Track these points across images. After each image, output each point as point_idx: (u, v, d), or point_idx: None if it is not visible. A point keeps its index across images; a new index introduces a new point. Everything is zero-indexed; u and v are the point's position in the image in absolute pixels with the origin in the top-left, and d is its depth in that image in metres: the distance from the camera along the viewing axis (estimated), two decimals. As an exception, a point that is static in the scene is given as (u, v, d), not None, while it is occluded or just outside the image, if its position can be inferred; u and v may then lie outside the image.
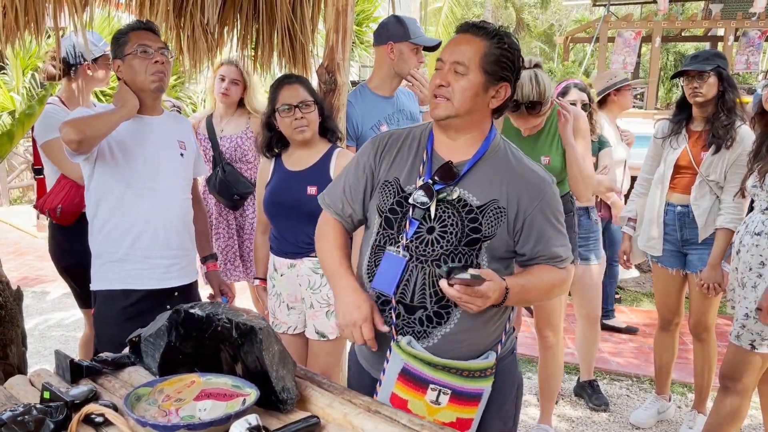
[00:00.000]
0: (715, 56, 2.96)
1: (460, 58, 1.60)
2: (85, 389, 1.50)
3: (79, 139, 2.11)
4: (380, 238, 1.71)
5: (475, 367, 1.66)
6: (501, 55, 1.60)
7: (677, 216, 3.00)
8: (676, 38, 20.19)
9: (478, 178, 1.64)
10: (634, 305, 5.10)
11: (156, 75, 2.27)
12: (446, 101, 1.61)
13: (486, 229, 1.62)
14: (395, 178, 1.70)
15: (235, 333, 1.49)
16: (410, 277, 1.65)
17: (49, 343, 4.25)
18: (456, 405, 1.66)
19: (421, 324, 1.66)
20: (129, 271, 2.31)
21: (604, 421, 3.30)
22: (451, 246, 1.62)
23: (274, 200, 2.51)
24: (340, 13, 2.71)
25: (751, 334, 2.46)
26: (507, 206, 1.62)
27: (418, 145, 1.72)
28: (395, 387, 1.67)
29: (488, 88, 1.62)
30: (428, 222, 1.64)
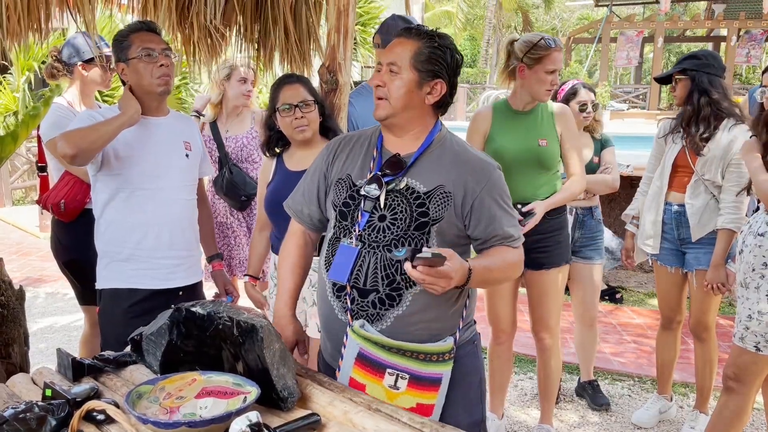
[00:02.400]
0: (688, 58, 2.98)
1: (393, 59, 1.71)
2: (86, 387, 1.51)
3: (73, 154, 2.11)
4: (336, 231, 1.80)
5: (431, 350, 1.70)
6: (431, 53, 1.69)
7: (674, 215, 3.01)
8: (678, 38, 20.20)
9: (424, 167, 1.73)
10: (636, 305, 5.10)
11: (162, 78, 2.28)
12: (384, 101, 1.72)
13: (433, 212, 1.69)
14: (347, 174, 1.81)
15: (236, 331, 1.50)
16: (363, 262, 1.72)
17: (52, 342, 4.26)
18: (415, 390, 1.69)
19: (374, 307, 1.71)
20: (134, 271, 2.32)
21: (605, 421, 3.30)
22: (401, 231, 1.70)
23: (275, 200, 2.51)
24: (342, 13, 2.72)
25: (755, 336, 2.46)
26: (453, 190, 1.70)
27: (369, 144, 1.83)
28: (353, 372, 1.72)
29: (422, 85, 1.70)
30: (379, 211, 1.72)
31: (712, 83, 2.87)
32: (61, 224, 2.93)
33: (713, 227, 2.89)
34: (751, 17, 15.70)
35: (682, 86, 2.95)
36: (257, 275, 2.75)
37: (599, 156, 3.37)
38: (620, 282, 5.54)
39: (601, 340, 4.29)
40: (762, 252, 2.46)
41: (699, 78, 2.88)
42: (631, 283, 5.53)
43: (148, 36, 2.28)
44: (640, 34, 16.43)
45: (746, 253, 2.52)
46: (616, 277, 5.63)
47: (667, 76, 3.05)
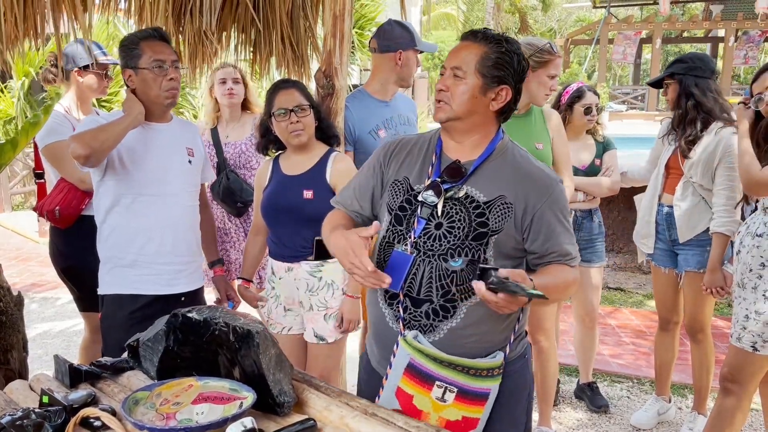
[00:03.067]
0: (677, 62, 2.99)
1: (458, 63, 1.66)
2: (83, 393, 1.51)
3: (87, 154, 2.14)
4: (389, 235, 1.75)
5: (482, 366, 1.67)
6: (498, 58, 1.64)
7: (665, 216, 3.03)
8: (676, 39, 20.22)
9: (485, 175, 1.69)
10: (634, 307, 5.10)
11: (170, 92, 2.30)
12: (445, 105, 1.67)
13: (493, 223, 1.65)
14: (405, 177, 1.76)
15: (232, 337, 1.50)
16: (417, 271, 1.68)
17: (51, 348, 4.26)
18: (462, 403, 1.66)
19: (428, 317, 1.68)
20: (137, 276, 2.33)
21: (604, 423, 3.31)
22: (458, 240, 1.65)
23: (271, 204, 2.52)
24: (338, 18, 2.73)
25: (752, 336, 2.46)
26: (514, 202, 1.65)
27: (428, 148, 1.78)
28: (401, 381, 1.69)
29: (486, 91, 1.66)
30: (436, 218, 1.68)
31: (700, 86, 2.89)
32: (59, 231, 2.94)
33: (702, 229, 2.90)
34: (748, 18, 15.72)
35: (672, 90, 2.97)
36: (251, 278, 2.76)
37: (601, 159, 3.38)
38: (619, 284, 5.55)
39: (600, 341, 4.28)
40: (760, 252, 2.46)
41: (686, 81, 2.90)
42: (630, 284, 5.54)
43: (160, 46, 2.28)
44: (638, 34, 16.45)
45: (744, 253, 2.52)
46: (615, 279, 5.63)
47: (659, 80, 3.08)
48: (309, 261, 2.49)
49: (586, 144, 3.39)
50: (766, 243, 2.45)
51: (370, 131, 2.86)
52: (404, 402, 1.69)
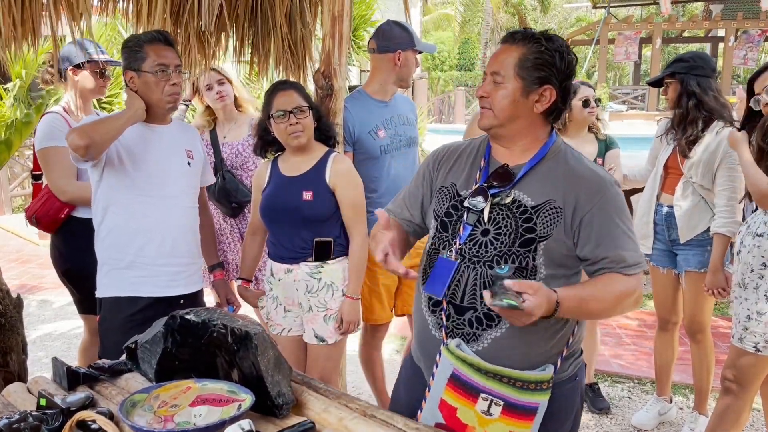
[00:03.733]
0: (677, 61, 2.98)
1: (497, 68, 1.62)
2: (81, 396, 1.51)
3: (86, 144, 2.12)
4: (435, 242, 1.72)
5: (530, 378, 1.59)
6: (537, 58, 1.59)
7: (665, 216, 3.02)
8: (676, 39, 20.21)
9: (534, 180, 1.63)
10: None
11: (172, 96, 2.30)
12: (488, 111, 1.64)
13: (541, 228, 1.58)
14: (452, 183, 1.73)
15: (230, 339, 1.50)
16: (461, 278, 1.63)
17: (51, 351, 4.25)
18: (509, 417, 1.58)
19: (471, 326, 1.63)
20: (135, 279, 2.32)
21: (606, 424, 3.30)
22: (505, 247, 1.60)
23: (270, 205, 2.52)
24: (336, 19, 2.72)
25: (754, 337, 2.45)
26: (563, 206, 1.58)
27: (476, 154, 1.74)
28: (444, 393, 1.62)
29: (528, 93, 1.60)
30: (482, 225, 1.63)
31: (701, 85, 2.88)
32: (59, 233, 2.93)
33: (702, 229, 2.90)
34: (748, 17, 15.71)
35: (672, 89, 2.96)
36: (250, 278, 2.75)
37: (603, 158, 3.38)
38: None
39: (601, 342, 4.28)
40: (761, 252, 2.46)
41: (687, 81, 2.89)
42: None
43: (164, 50, 2.28)
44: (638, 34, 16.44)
45: (744, 253, 2.51)
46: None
47: (659, 79, 3.07)
48: (308, 262, 2.48)
49: (587, 141, 3.39)
50: (766, 243, 2.44)
51: (370, 131, 2.85)
52: (448, 415, 1.61)
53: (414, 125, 3.06)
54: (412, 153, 3.01)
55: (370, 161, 2.85)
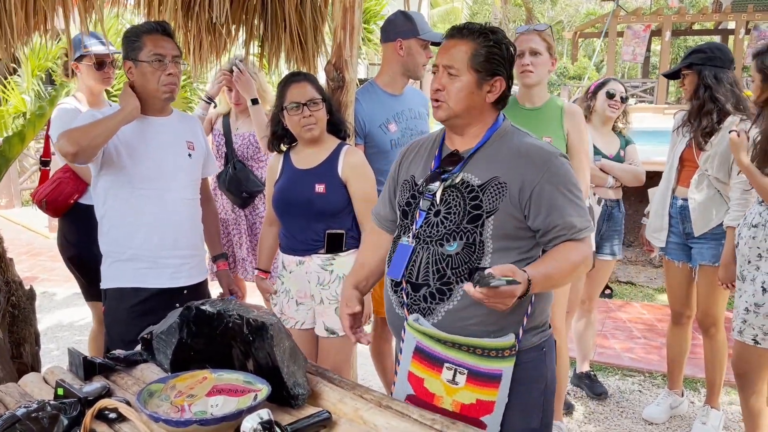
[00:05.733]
0: (695, 52, 2.95)
1: (449, 62, 1.70)
2: (98, 386, 1.52)
3: (74, 151, 2.12)
4: (398, 230, 1.83)
5: (489, 345, 1.65)
6: (488, 52, 1.68)
7: (679, 209, 3.00)
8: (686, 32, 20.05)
9: (480, 160, 1.72)
10: (646, 300, 5.08)
11: (168, 86, 2.29)
12: (442, 104, 1.72)
13: (487, 204, 1.67)
14: (411, 175, 1.84)
15: (245, 329, 1.50)
16: (416, 258, 1.74)
17: (61, 342, 4.28)
18: (474, 385, 1.65)
19: (425, 300, 1.72)
20: (138, 270, 2.33)
21: (616, 417, 3.29)
22: (454, 225, 1.69)
23: (282, 198, 2.51)
24: (348, 10, 2.71)
25: (753, 329, 2.45)
26: (508, 181, 1.67)
27: (433, 145, 1.85)
28: (411, 365, 1.71)
29: (482, 84, 1.70)
30: (435, 207, 1.73)
31: (718, 77, 2.84)
32: (65, 220, 3.02)
33: (717, 222, 2.87)
34: (759, 10, 15.54)
35: (690, 81, 2.93)
36: (267, 269, 2.75)
37: (625, 150, 3.43)
38: (630, 277, 5.52)
39: (611, 335, 4.28)
40: (756, 243, 2.45)
41: (704, 72, 2.86)
42: (640, 278, 5.50)
43: (162, 40, 2.27)
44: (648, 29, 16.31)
45: (741, 245, 2.51)
46: (626, 273, 5.60)
47: (676, 71, 3.03)
48: (320, 254, 2.48)
49: (609, 136, 3.44)
50: (761, 233, 2.44)
51: (381, 125, 2.84)
52: (416, 386, 1.71)
53: (425, 119, 3.05)
54: (424, 147, 3.00)
55: (380, 155, 2.84)
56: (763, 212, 2.46)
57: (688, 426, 3.17)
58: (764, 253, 2.43)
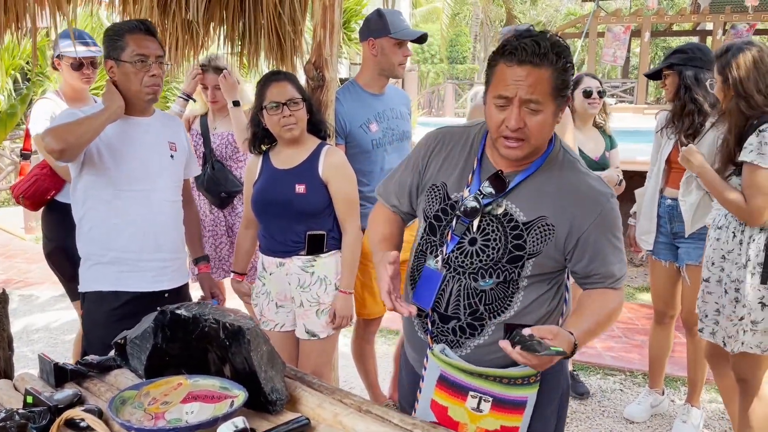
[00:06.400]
0: (676, 53, 2.95)
1: (532, 96, 1.45)
2: (69, 393, 1.48)
3: (60, 149, 2.08)
4: (423, 244, 1.69)
5: (516, 375, 1.58)
6: (563, 79, 1.49)
7: (667, 208, 3.01)
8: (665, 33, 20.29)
9: (528, 191, 1.56)
10: (627, 300, 5.11)
11: (151, 87, 2.24)
12: (523, 143, 1.50)
13: (531, 246, 1.55)
14: (443, 183, 1.66)
15: (222, 334, 1.47)
16: (446, 287, 1.62)
17: (37, 346, 4.19)
18: (499, 412, 1.59)
19: (455, 334, 1.63)
20: (119, 273, 2.28)
21: (597, 416, 3.30)
22: (492, 261, 1.57)
23: (262, 199, 2.48)
24: (327, 9, 2.68)
25: (723, 331, 2.48)
26: (556, 223, 1.54)
27: (470, 149, 1.66)
28: (434, 394, 1.64)
29: (559, 112, 1.53)
30: (470, 233, 1.58)
31: (698, 77, 2.85)
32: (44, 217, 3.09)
33: (705, 223, 2.88)
34: (736, 11, 15.77)
35: (671, 81, 2.94)
36: (243, 271, 2.72)
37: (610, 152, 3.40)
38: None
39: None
40: (720, 245, 2.47)
41: (685, 72, 2.87)
42: (621, 277, 5.53)
43: (145, 40, 2.22)
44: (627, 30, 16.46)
45: (707, 247, 2.53)
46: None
47: (657, 71, 3.04)
48: (301, 256, 2.45)
49: (593, 137, 3.40)
50: (724, 235, 2.46)
51: (362, 125, 2.82)
52: (439, 414, 1.63)
53: (407, 119, 3.03)
54: (405, 147, 2.98)
55: (362, 155, 2.82)
56: (727, 214, 2.48)
57: (668, 424, 3.18)
58: (727, 255, 2.46)
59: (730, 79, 2.36)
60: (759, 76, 2.32)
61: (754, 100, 2.32)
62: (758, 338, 2.37)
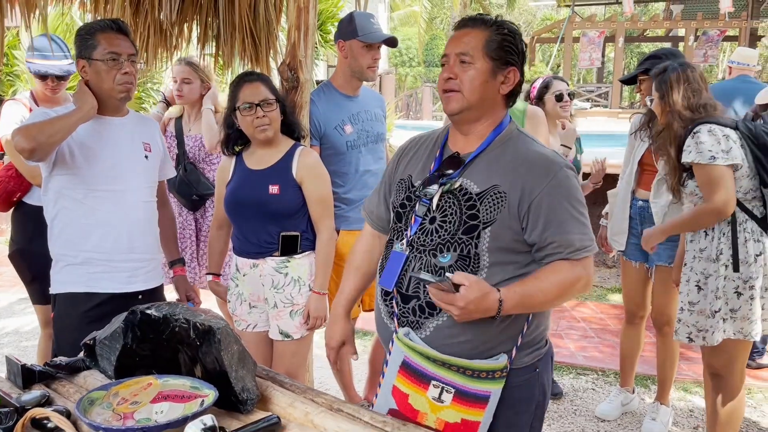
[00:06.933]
0: (650, 58, 3.03)
1: (464, 49, 1.61)
2: (37, 394, 1.46)
3: (31, 148, 2.05)
4: (391, 233, 1.74)
5: (479, 367, 1.58)
6: (503, 40, 1.61)
7: (639, 210, 3.06)
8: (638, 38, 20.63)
9: (481, 166, 1.62)
10: (599, 300, 5.18)
11: (124, 86, 2.22)
12: (457, 94, 1.62)
13: (484, 215, 1.57)
14: (408, 175, 1.74)
15: (192, 333, 1.47)
16: (408, 267, 1.65)
17: (5, 350, 4.12)
18: (460, 405, 1.57)
19: (414, 314, 1.64)
20: (92, 274, 2.25)
21: (570, 415, 3.34)
22: (449, 235, 1.60)
23: (235, 199, 2.47)
24: (302, 10, 2.69)
25: (687, 327, 2.54)
26: (508, 190, 1.57)
27: (434, 144, 1.75)
28: (396, 380, 1.63)
29: (496, 74, 1.62)
30: (431, 213, 1.63)
31: None
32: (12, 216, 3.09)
33: None
34: (708, 18, 16.10)
35: (646, 87, 2.99)
36: (218, 272, 2.71)
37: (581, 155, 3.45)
38: (584, 278, 5.61)
39: (566, 335, 4.34)
40: (693, 246, 2.53)
41: None
42: (595, 278, 5.58)
43: (117, 39, 2.21)
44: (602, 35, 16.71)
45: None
46: (580, 273, 5.70)
47: (632, 77, 3.10)
48: (275, 257, 2.45)
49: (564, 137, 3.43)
50: (694, 236, 2.52)
51: (336, 126, 2.82)
52: (400, 401, 1.62)
53: (382, 121, 3.04)
54: (380, 149, 2.99)
55: (336, 156, 2.82)
56: None
57: (638, 422, 3.24)
58: (698, 254, 2.52)
59: (665, 97, 2.55)
60: (688, 95, 2.51)
61: (683, 115, 2.50)
62: (738, 325, 2.44)
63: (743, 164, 2.40)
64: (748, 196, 2.45)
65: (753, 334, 2.43)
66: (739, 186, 2.42)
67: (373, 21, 2.80)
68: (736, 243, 2.42)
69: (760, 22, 17.00)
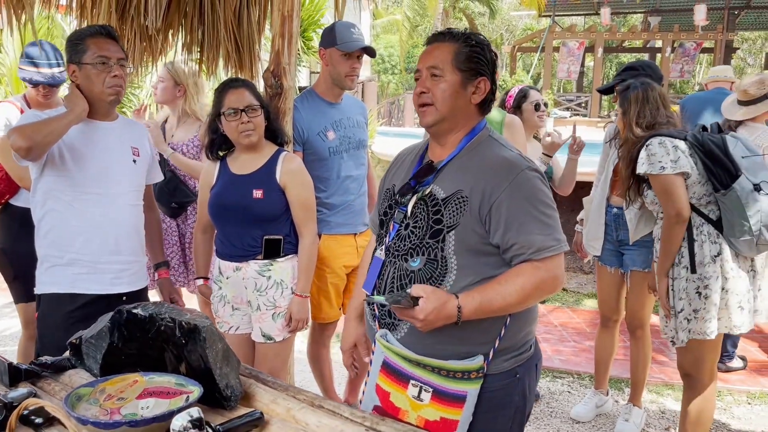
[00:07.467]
0: (627, 69, 3.14)
1: (434, 63, 1.68)
2: (24, 391, 1.49)
3: (27, 146, 2.09)
4: (377, 239, 1.84)
5: (454, 367, 1.62)
6: (471, 52, 1.68)
7: (613, 216, 3.14)
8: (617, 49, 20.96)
9: (451, 171, 1.69)
10: (576, 305, 5.27)
11: (113, 88, 2.27)
12: (430, 107, 1.69)
13: (448, 219, 1.63)
14: (393, 185, 1.82)
15: (178, 332, 1.51)
16: (385, 272, 1.73)
17: (-13, 353, 4.10)
18: (439, 404, 1.63)
19: (390, 316, 1.71)
20: (77, 275, 2.28)
21: (546, 417, 3.41)
22: (418, 239, 1.66)
23: (219, 203, 2.51)
24: (286, 18, 2.74)
25: (671, 331, 2.62)
26: (470, 194, 1.61)
27: (416, 155, 1.83)
28: (378, 378, 1.71)
29: (467, 85, 1.68)
30: (406, 220, 1.71)
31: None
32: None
33: (649, 230, 3.02)
34: (684, 29, 16.45)
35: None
36: (207, 275, 2.74)
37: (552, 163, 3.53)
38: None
39: (543, 339, 4.42)
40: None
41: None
42: (572, 284, 5.70)
43: (106, 43, 2.26)
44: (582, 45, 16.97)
45: (655, 255, 2.68)
46: (558, 279, 5.79)
47: (610, 87, 3.19)
48: (258, 260, 2.49)
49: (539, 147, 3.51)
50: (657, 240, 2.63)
51: (319, 133, 2.87)
52: (383, 398, 1.71)
53: (364, 128, 3.10)
54: (362, 155, 3.05)
55: (318, 162, 2.87)
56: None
57: (612, 423, 3.32)
58: (677, 263, 2.60)
59: (626, 113, 2.74)
60: (645, 113, 2.69)
61: (635, 132, 2.68)
62: (701, 325, 2.53)
63: (692, 172, 2.52)
64: (703, 201, 2.55)
65: (708, 333, 2.52)
66: (692, 192, 2.54)
67: (354, 30, 2.85)
68: (692, 245, 2.54)
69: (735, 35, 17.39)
